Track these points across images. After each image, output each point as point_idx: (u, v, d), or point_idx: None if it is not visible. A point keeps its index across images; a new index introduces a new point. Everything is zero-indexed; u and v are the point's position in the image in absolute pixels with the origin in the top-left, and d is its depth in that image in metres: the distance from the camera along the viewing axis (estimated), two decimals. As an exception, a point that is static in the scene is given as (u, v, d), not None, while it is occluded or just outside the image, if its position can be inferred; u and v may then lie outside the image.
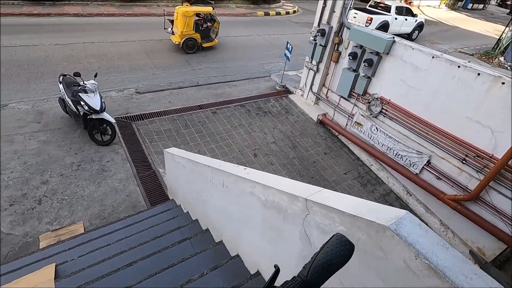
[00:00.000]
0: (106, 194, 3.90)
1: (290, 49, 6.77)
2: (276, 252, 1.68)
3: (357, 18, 11.82)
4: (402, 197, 5.40)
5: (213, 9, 9.03)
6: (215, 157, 5.09)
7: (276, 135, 5.96)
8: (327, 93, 6.55)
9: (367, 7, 12.91)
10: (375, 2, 13.01)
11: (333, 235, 0.66)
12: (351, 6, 5.65)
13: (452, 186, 4.67)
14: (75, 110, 4.62)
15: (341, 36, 5.88)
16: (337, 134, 6.35)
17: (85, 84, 4.36)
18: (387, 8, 12.28)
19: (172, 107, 6.02)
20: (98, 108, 4.38)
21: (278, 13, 15.43)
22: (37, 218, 3.43)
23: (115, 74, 6.98)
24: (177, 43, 8.47)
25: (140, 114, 5.60)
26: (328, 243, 0.65)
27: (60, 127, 4.95)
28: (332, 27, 5.88)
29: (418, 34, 13.69)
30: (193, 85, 7.11)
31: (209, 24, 9.06)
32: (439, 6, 23.68)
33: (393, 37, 4.99)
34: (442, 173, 4.76)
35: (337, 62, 6.09)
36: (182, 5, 8.65)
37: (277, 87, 7.47)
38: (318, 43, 6.17)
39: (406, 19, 12.55)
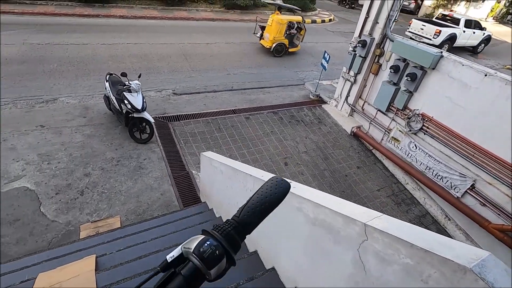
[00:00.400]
0: (142, 191, 4.03)
1: (327, 59, 6.68)
2: (320, 271, 1.63)
3: (424, 30, 11.93)
4: (439, 220, 5.08)
5: (303, 18, 9.94)
6: (246, 163, 5.12)
7: (308, 145, 5.88)
8: (363, 105, 6.36)
9: (434, 19, 13.00)
10: (442, 15, 13.12)
11: (269, 178, 0.64)
12: (396, 18, 5.47)
13: (499, 215, 4.31)
14: (118, 108, 4.85)
15: (382, 48, 5.70)
16: (371, 148, 6.13)
17: (130, 84, 4.57)
18: (456, 21, 12.21)
19: (207, 110, 6.15)
20: (140, 107, 4.57)
21: (313, 21, 15.37)
22: (79, 208, 3.63)
23: (155, 75, 7.27)
24: (268, 47, 9.37)
25: (177, 115, 5.77)
26: (263, 185, 0.62)
27: (103, 123, 5.22)
28: (374, 38, 5.72)
29: (484, 47, 13.36)
30: (227, 89, 7.23)
31: (292, 31, 10.00)
32: (485, 19, 22.33)
33: (441, 52, 4.75)
34: (488, 200, 4.42)
35: (376, 74, 5.90)
36: (274, 13, 9.57)
37: (311, 96, 7.38)
38: (357, 54, 6.02)
39: (474, 32, 12.39)
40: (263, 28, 9.69)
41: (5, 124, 4.81)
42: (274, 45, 9.22)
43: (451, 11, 20.62)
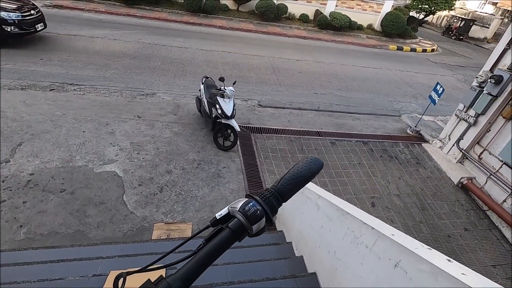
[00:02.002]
0: (217, 201, 3.82)
1: (439, 92, 5.69)
2: None
3: None
4: None
5: None
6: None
7: (402, 188, 4.97)
8: (481, 153, 5.15)
9: None
10: None
11: (304, 157, 0.72)
12: (556, 53, 4.28)
13: None
14: (208, 111, 4.85)
15: (526, 88, 4.52)
16: (486, 209, 4.87)
17: (225, 89, 4.50)
18: None
19: (290, 127, 5.80)
20: (229, 114, 4.45)
21: (413, 50, 14.02)
22: (156, 205, 3.57)
23: (243, 84, 7.31)
24: None
25: (260, 127, 5.56)
26: (299, 162, 0.71)
27: (190, 123, 5.31)
28: (514, 75, 4.60)
29: None
30: (313, 108, 6.79)
31: None
32: None
33: None
34: None
35: (509, 119, 4.71)
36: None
37: (409, 131, 6.41)
38: (485, 91, 4.93)
39: None
40: None
41: (110, 110, 5.26)
42: None
43: None
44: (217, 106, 4.48)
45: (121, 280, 0.55)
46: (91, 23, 9.65)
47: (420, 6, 14.95)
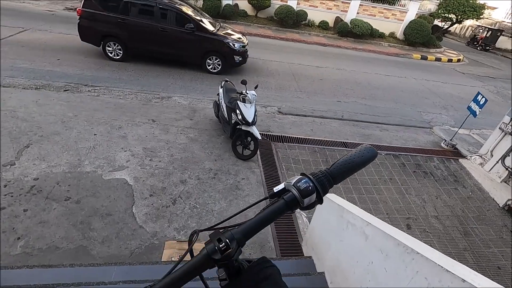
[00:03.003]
0: (236, 217, 3.40)
1: (481, 103, 5.15)
2: None
3: None
4: None
5: None
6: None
7: (440, 209, 4.43)
8: (532, 173, 4.56)
9: None
10: None
11: (361, 145, 0.74)
12: None
13: None
14: (227, 117, 4.50)
15: None
16: (539, 237, 4.25)
17: (247, 93, 4.14)
18: None
19: (313, 136, 5.37)
20: (250, 120, 4.08)
21: (438, 59, 13.40)
22: (168, 219, 3.20)
23: (261, 90, 6.95)
24: None
25: (281, 136, 5.16)
26: (355, 149, 0.72)
27: (207, 129, 4.97)
28: None
29: None
30: (337, 117, 6.35)
31: None
32: None
33: None
34: None
35: None
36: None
37: (443, 145, 5.85)
38: (539, 103, 4.38)
39: None
40: None
41: (123, 112, 4.99)
42: None
43: None
44: (238, 112, 4.12)
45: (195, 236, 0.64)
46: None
47: (446, 14, 14.35)
